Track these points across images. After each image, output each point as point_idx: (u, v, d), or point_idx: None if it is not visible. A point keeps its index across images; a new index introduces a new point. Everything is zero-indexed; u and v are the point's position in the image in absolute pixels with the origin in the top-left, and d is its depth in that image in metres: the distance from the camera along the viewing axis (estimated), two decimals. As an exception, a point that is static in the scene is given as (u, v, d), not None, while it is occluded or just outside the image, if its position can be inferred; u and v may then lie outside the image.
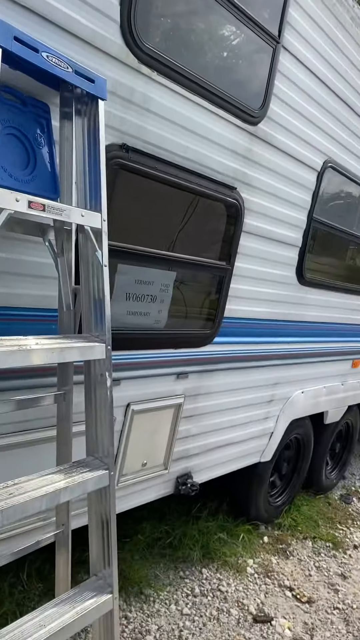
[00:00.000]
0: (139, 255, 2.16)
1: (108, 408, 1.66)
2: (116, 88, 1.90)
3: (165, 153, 2.16)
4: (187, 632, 2.73)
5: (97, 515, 1.72)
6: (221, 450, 3.08)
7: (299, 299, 3.42)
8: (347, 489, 4.98)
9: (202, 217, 2.50)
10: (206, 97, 2.27)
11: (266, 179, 2.79)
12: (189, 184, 2.31)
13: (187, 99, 2.19)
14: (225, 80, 2.39)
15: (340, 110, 3.25)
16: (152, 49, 1.98)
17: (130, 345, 2.25)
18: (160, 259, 2.28)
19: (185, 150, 2.25)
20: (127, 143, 2.00)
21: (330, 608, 3.21)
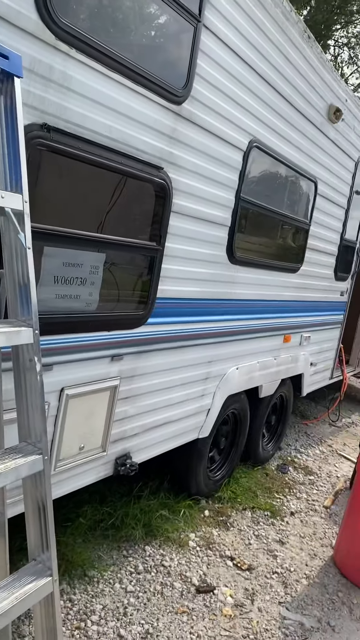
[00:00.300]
0: (66, 237, 2.13)
1: (39, 393, 1.64)
2: (34, 66, 1.85)
3: (89, 133, 2.12)
4: (131, 609, 2.78)
5: (33, 501, 1.71)
6: (159, 429, 3.12)
7: (230, 277, 3.49)
8: (283, 459, 5.18)
9: (130, 197, 2.50)
10: (128, 75, 2.25)
11: (193, 158, 2.80)
12: (115, 164, 2.29)
13: (108, 78, 2.17)
14: (147, 59, 2.37)
15: (263, 90, 3.30)
16: (70, 25, 1.93)
17: (62, 329, 2.23)
18: (88, 241, 2.25)
19: (109, 130, 2.22)
20: (48, 123, 1.95)
21: (269, 573, 3.36)
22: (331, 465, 5.31)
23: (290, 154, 3.84)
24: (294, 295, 4.54)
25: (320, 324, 5.34)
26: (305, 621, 3.00)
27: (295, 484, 4.70)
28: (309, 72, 3.79)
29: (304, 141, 4.01)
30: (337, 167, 4.77)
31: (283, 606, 3.08)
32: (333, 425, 6.61)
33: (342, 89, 4.44)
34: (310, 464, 5.23)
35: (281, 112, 3.59)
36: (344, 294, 5.77)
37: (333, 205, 4.89)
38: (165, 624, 2.73)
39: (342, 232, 5.26)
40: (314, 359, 5.39)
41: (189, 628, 2.74)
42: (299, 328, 4.81)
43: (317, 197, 4.47)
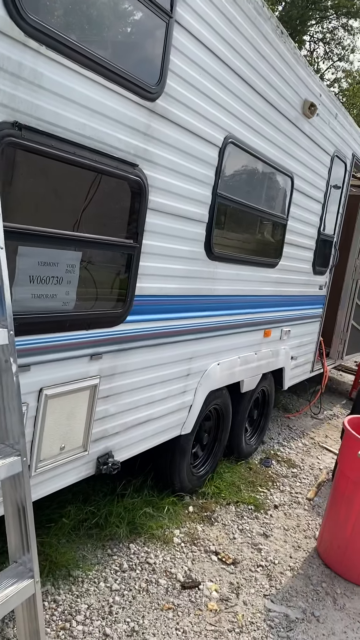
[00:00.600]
0: (41, 236, 2.11)
1: (15, 394, 1.63)
2: (2, 63, 1.83)
3: (61, 130, 2.11)
4: (117, 607, 2.78)
5: (12, 503, 1.70)
6: (141, 427, 3.12)
7: (209, 273, 3.49)
8: (266, 453, 5.21)
9: (106, 195, 2.48)
10: (101, 72, 2.24)
11: (168, 155, 2.80)
12: (89, 161, 2.27)
13: (80, 75, 2.15)
14: (119, 56, 2.36)
15: (237, 86, 3.31)
16: (39, 21, 1.91)
17: (39, 329, 2.21)
18: (63, 240, 2.23)
19: (82, 128, 2.20)
20: (19, 121, 1.93)
21: (254, 566, 3.38)
22: (314, 458, 5.37)
23: (266, 149, 3.86)
24: (273, 290, 4.56)
25: (300, 317, 5.38)
26: (290, 613, 3.03)
27: (278, 477, 4.74)
28: (282, 67, 3.81)
29: (280, 136, 4.03)
30: (313, 162, 4.80)
31: (268, 599, 3.10)
32: (315, 418, 6.67)
33: (316, 83, 4.47)
34: (293, 457, 5.27)
35: (256, 108, 3.60)
36: (322, 287, 5.82)
37: (310, 199, 4.92)
38: (150, 621, 2.73)
39: (319, 226, 5.30)
40: (295, 353, 5.43)
41: (174, 624, 2.75)
42: (279, 322, 4.84)
43: (294, 192, 4.49)
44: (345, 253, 6.71)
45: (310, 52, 27.93)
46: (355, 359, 8.82)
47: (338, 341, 6.90)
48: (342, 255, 6.39)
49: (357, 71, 28.51)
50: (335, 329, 6.91)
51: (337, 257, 6.04)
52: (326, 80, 27.71)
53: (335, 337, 6.92)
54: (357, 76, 28.07)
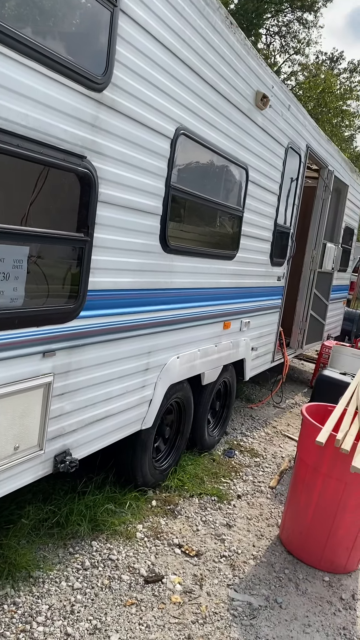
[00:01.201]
0: (-16, 231, 2.05)
1: None
2: None
3: (3, 122, 2.04)
4: (79, 606, 2.75)
5: None
6: (99, 423, 3.08)
7: (166, 267, 3.47)
8: (229, 443, 5.25)
9: (53, 188, 2.43)
10: (44, 62, 2.18)
11: (118, 147, 2.76)
12: (35, 154, 2.22)
13: (22, 65, 2.09)
14: (63, 46, 2.31)
15: (187, 77, 3.28)
16: (-26, 8, 1.85)
17: (-14, 327, 2.15)
18: (9, 234, 2.17)
19: (25, 119, 2.15)
20: None
21: (217, 557, 3.40)
22: (276, 446, 5.43)
23: (219, 141, 3.85)
24: (231, 282, 4.58)
25: (259, 309, 5.43)
26: (254, 601, 3.06)
27: (241, 467, 4.78)
28: (233, 58, 3.80)
29: (233, 128, 4.03)
30: (267, 154, 4.83)
31: (231, 588, 3.13)
32: (277, 407, 6.76)
33: (267, 75, 4.49)
34: (256, 446, 5.33)
35: (207, 99, 3.59)
36: (280, 278, 5.88)
37: (265, 191, 4.95)
38: (113, 617, 2.72)
39: (275, 218, 5.35)
40: (255, 344, 5.48)
41: (137, 619, 2.74)
42: (238, 314, 4.87)
43: (248, 183, 4.51)
44: (302, 244, 6.80)
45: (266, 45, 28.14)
46: (315, 348, 8.98)
47: (298, 331, 6.99)
48: (299, 247, 6.47)
49: (312, 64, 28.94)
50: (294, 319, 7.00)
51: (294, 248, 6.11)
52: (283, 74, 28.00)
53: (294, 327, 7.01)
54: (313, 69, 28.48)
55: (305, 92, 25.57)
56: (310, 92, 25.42)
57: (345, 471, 3.18)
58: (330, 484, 3.31)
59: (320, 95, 25.21)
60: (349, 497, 3.27)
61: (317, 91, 25.07)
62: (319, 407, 3.86)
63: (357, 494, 3.26)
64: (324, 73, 27.54)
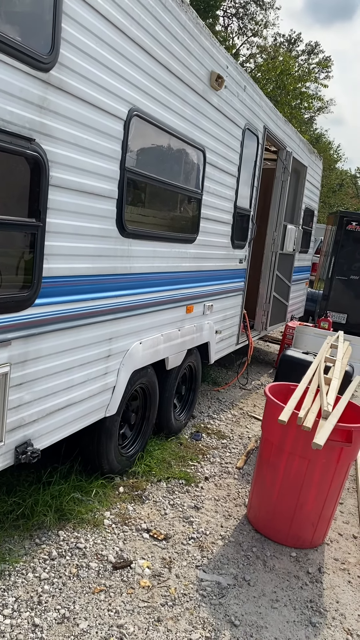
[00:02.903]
0: None
1: None
2: None
3: None
4: (46, 596, 2.72)
5: None
6: (61, 412, 3.04)
7: (124, 251, 3.43)
8: (196, 426, 5.27)
9: (1, 172, 2.35)
10: (-17, 40, 2.09)
11: (68, 129, 2.69)
12: (-22, 137, 2.14)
13: None
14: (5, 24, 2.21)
15: (138, 56, 3.22)
16: None
17: None
18: None
19: (-34, 100, 2.06)
20: None
21: (185, 540, 3.42)
22: (243, 427, 5.49)
23: (174, 122, 3.80)
24: (192, 265, 4.56)
25: (222, 292, 5.44)
26: (222, 580, 3.09)
27: (208, 449, 4.81)
28: (185, 37, 3.75)
29: (188, 109, 3.99)
30: (224, 135, 4.80)
31: (200, 569, 3.15)
32: (243, 389, 6.82)
33: (222, 55, 4.44)
34: (223, 428, 5.37)
35: (160, 80, 3.52)
36: (242, 261, 5.90)
37: (224, 173, 4.93)
38: (82, 605, 2.70)
39: (235, 200, 5.34)
40: (219, 327, 5.49)
41: (106, 605, 2.73)
42: (200, 298, 4.87)
43: (206, 165, 4.48)
44: (263, 226, 6.82)
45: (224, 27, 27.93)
46: (280, 330, 9.08)
47: (261, 313, 7.05)
48: (260, 229, 6.50)
49: (271, 46, 28.88)
50: (258, 301, 7.05)
51: (255, 231, 6.13)
52: (242, 56, 27.88)
53: (258, 309, 7.06)
54: (272, 51, 28.44)
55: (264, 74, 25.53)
56: (269, 74, 25.38)
57: (308, 448, 3.23)
58: (295, 462, 3.35)
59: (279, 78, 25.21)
60: (312, 473, 3.33)
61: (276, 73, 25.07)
62: (282, 386, 3.90)
63: (321, 470, 3.31)
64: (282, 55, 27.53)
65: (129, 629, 2.60)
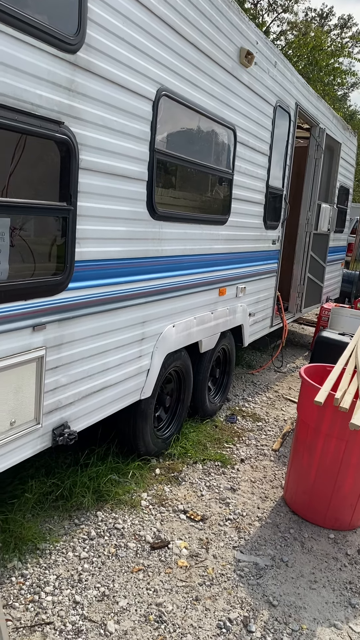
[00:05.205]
0: None
1: None
2: None
3: (-29, 88, 1.97)
4: (86, 574, 2.78)
5: None
6: (97, 395, 3.07)
7: (155, 234, 3.41)
8: (231, 409, 5.26)
9: (31, 156, 2.35)
10: (9, 23, 2.08)
11: (97, 111, 2.67)
12: (8, 121, 2.14)
13: (-13, 26, 2.00)
14: (32, 6, 2.20)
15: (166, 35, 3.17)
16: None
17: (-29, 302, 2.11)
18: (-13, 206, 2.12)
19: (-5, 84, 2.07)
20: None
21: (222, 521, 3.43)
22: (278, 410, 5.45)
23: (203, 101, 3.74)
24: (224, 247, 4.51)
25: (255, 274, 5.37)
26: (260, 561, 3.09)
27: (244, 431, 4.79)
28: (214, 13, 3.67)
29: (217, 87, 3.92)
30: (255, 113, 4.70)
31: (237, 550, 3.16)
32: (278, 372, 6.76)
33: (251, 30, 4.34)
34: (258, 411, 5.34)
35: (189, 58, 3.47)
36: (275, 242, 5.81)
37: (255, 152, 4.85)
38: (121, 584, 2.75)
39: (267, 179, 5.24)
40: (252, 309, 5.44)
41: (145, 584, 2.77)
42: (233, 280, 4.82)
43: (237, 145, 4.41)
44: (297, 206, 6.69)
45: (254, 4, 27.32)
46: (315, 312, 8.95)
47: (296, 295, 6.95)
48: (293, 208, 6.38)
49: (302, 22, 28.10)
50: (292, 282, 6.95)
51: (288, 211, 6.01)
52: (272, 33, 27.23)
53: (292, 291, 6.96)
54: (303, 27, 27.68)
55: (295, 51, 24.89)
56: (300, 50, 24.73)
57: (345, 429, 3.18)
58: (332, 443, 3.31)
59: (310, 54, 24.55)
60: (350, 455, 3.28)
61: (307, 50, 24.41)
62: (318, 367, 3.84)
63: (358, 451, 3.26)
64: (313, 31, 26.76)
65: (168, 608, 2.63)
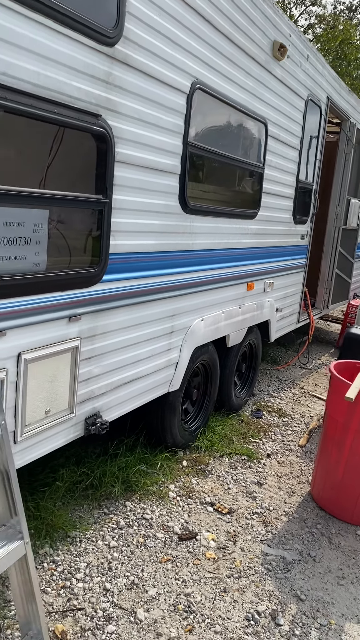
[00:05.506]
0: (3, 195, 2.03)
1: (-13, 357, 1.58)
2: None
3: (14, 81, 1.99)
4: (116, 563, 2.82)
5: (-5, 467, 1.68)
6: (128, 386, 3.10)
7: (186, 227, 3.42)
8: (257, 404, 5.26)
9: (69, 149, 2.38)
10: (51, 16, 2.11)
11: (133, 104, 2.69)
12: (48, 113, 2.17)
13: (30, 20, 2.02)
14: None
15: (201, 27, 3.16)
16: None
17: (10, 292, 2.15)
18: (26, 197, 2.15)
19: (37, 77, 2.09)
20: (-33, 72, 1.82)
21: (249, 514, 3.44)
22: (304, 406, 5.42)
23: (236, 94, 3.73)
24: (253, 242, 4.50)
25: (283, 269, 5.34)
26: (287, 555, 3.09)
27: (270, 427, 4.79)
28: (248, 6, 3.64)
29: (250, 81, 3.90)
30: (286, 107, 4.67)
31: (265, 544, 3.16)
32: (304, 368, 6.72)
33: (284, 23, 4.30)
34: (284, 407, 5.32)
35: (223, 51, 3.46)
36: (304, 237, 5.77)
37: (286, 146, 4.81)
38: (150, 573, 2.78)
39: (297, 174, 5.20)
40: (280, 305, 5.42)
41: (173, 575, 2.80)
42: (261, 275, 4.80)
43: (268, 138, 4.38)
44: (326, 201, 6.63)
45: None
46: (341, 308, 8.86)
47: (323, 291, 6.89)
48: (322, 203, 6.32)
49: (330, 15, 27.70)
50: (319, 278, 6.89)
51: (317, 205, 5.96)
52: (300, 27, 26.91)
53: (320, 287, 6.90)
54: (331, 20, 27.28)
55: (323, 44, 24.58)
56: (329, 44, 24.42)
57: (376, 426, 3.15)
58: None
59: (339, 48, 24.21)
60: (380, 452, 3.25)
61: (336, 43, 24.07)
62: (347, 364, 3.81)
63: (389, 448, 3.23)
64: (342, 24, 26.36)
65: (197, 598, 2.66)
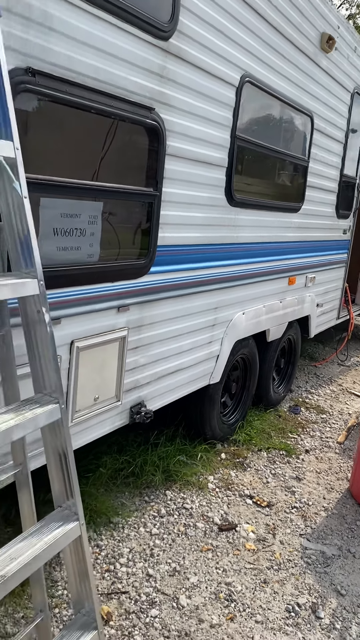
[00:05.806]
0: (60, 186, 2.08)
1: (49, 344, 1.63)
2: (11, 4, 1.75)
3: (75, 75, 2.04)
4: (157, 550, 2.87)
5: (53, 450, 1.73)
6: (171, 377, 3.14)
7: (230, 220, 3.43)
8: (295, 400, 5.24)
9: (123, 142, 2.42)
10: (111, 11, 2.14)
11: (184, 97, 2.71)
12: (105, 107, 2.21)
13: (90, 14, 2.06)
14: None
15: (252, 20, 3.16)
16: None
17: (65, 282, 2.21)
18: (83, 189, 2.20)
19: (96, 71, 2.13)
20: (32, 66, 1.87)
21: (288, 508, 3.45)
22: (342, 403, 5.38)
23: (284, 87, 3.71)
24: (296, 235, 4.48)
25: (325, 264, 5.30)
26: (327, 550, 3.09)
27: (308, 423, 4.77)
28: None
29: (298, 74, 3.87)
30: (332, 100, 4.61)
31: (304, 538, 3.17)
32: (342, 365, 6.65)
33: (333, 14, 4.25)
34: (322, 403, 5.29)
35: (272, 44, 3.44)
36: (346, 232, 5.70)
37: (331, 140, 4.76)
38: (191, 561, 2.82)
39: (341, 167, 5.14)
40: (320, 300, 5.37)
41: (214, 564, 2.84)
42: (303, 269, 4.78)
43: (314, 132, 4.34)
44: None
45: (322, -14, 26.49)
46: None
47: (363, 287, 6.79)
48: (365, 198, 6.21)
49: (372, 4, 27.02)
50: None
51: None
52: (341, 17, 26.36)
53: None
54: (373, 10, 26.61)
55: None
56: (371, 35, 23.86)
57: None
58: None
59: (381, 38, 23.66)
60: None
61: (378, 33, 23.53)
62: (391, 361, 3.77)
63: None
64: (385, 13, 25.71)
65: (237, 587, 2.69)
